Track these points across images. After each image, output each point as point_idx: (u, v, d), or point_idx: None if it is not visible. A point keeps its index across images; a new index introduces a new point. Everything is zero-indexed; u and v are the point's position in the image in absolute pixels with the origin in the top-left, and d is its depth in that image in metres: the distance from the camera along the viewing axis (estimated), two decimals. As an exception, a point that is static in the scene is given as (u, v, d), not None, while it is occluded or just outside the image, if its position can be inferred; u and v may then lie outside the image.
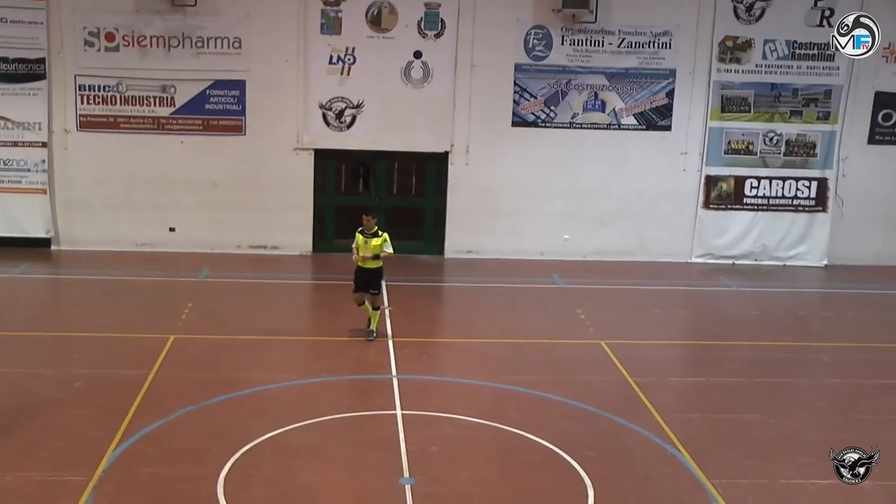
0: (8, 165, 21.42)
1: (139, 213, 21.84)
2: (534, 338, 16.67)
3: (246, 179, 21.83)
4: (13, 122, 21.24)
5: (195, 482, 10.90)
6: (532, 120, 21.97)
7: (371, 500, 10.68)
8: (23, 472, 10.96)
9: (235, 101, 21.49)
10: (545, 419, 13.01)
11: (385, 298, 18.50)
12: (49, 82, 21.18)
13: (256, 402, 13.40)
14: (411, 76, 21.57)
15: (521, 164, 22.08)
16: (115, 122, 21.49)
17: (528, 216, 22.35)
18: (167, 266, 20.70)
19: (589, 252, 22.53)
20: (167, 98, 21.43)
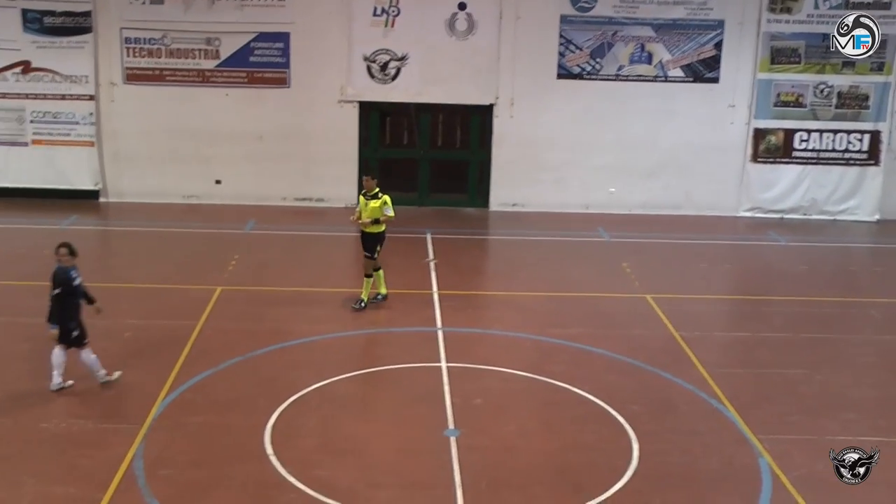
0: (57, 118, 21.64)
1: (185, 165, 22.00)
2: (578, 291, 16.63)
3: (290, 132, 21.87)
4: (60, 75, 21.41)
5: (242, 432, 11.05)
6: (577, 72, 21.73)
7: (416, 452, 10.77)
8: (76, 420, 11.20)
9: (280, 54, 21.48)
10: (589, 373, 13.01)
11: (430, 251, 18.56)
12: (95, 35, 21.30)
13: (302, 353, 13.53)
14: (455, 28, 21.40)
15: (566, 116, 21.89)
16: (160, 75, 21.58)
17: (574, 169, 22.20)
18: (213, 218, 20.86)
19: (634, 205, 22.37)
20: (212, 51, 21.46)
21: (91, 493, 9.64)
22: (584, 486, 10.11)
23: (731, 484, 10.25)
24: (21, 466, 10.16)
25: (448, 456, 10.62)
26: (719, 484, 10.24)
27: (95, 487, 9.73)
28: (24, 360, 12.94)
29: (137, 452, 10.46)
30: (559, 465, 10.56)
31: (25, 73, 21.40)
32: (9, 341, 13.61)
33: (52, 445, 10.64)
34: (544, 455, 10.78)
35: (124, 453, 10.41)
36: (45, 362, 12.80)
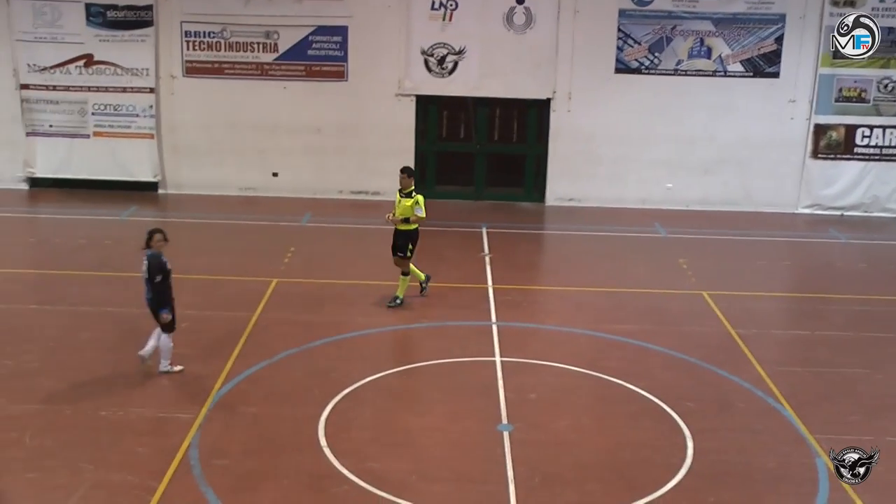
0: (118, 111, 21.95)
1: (243, 157, 22.20)
2: (634, 287, 16.50)
3: (347, 125, 21.96)
4: (122, 68, 21.71)
5: (297, 422, 11.13)
6: (635, 66, 21.54)
7: (469, 446, 10.76)
8: (134, 408, 11.36)
9: (338, 47, 21.57)
10: (645, 369, 12.92)
11: (485, 246, 18.54)
12: (156, 29, 21.56)
13: (357, 345, 13.59)
14: (513, 22, 21.31)
15: (623, 111, 21.72)
16: (219, 68, 21.79)
17: (631, 164, 22.02)
18: (270, 210, 21.02)
19: (692, 201, 22.13)
20: (270, 44, 21.62)
21: (147, 480, 9.77)
22: (638, 482, 10.04)
23: (787, 484, 10.11)
24: (80, 453, 10.33)
25: (501, 450, 10.60)
26: (775, 484, 10.11)
27: (152, 475, 9.86)
28: (83, 349, 13.15)
29: (193, 442, 10.58)
30: (613, 461, 10.50)
31: (88, 67, 21.73)
32: (69, 330, 13.83)
33: (110, 433, 10.80)
34: (598, 451, 10.72)
35: (180, 442, 10.54)
36: (105, 351, 13.05)
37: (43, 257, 17.77)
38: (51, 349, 13.12)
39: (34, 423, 10.98)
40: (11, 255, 17.51)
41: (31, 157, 22.26)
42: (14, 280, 16.13)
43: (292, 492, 9.72)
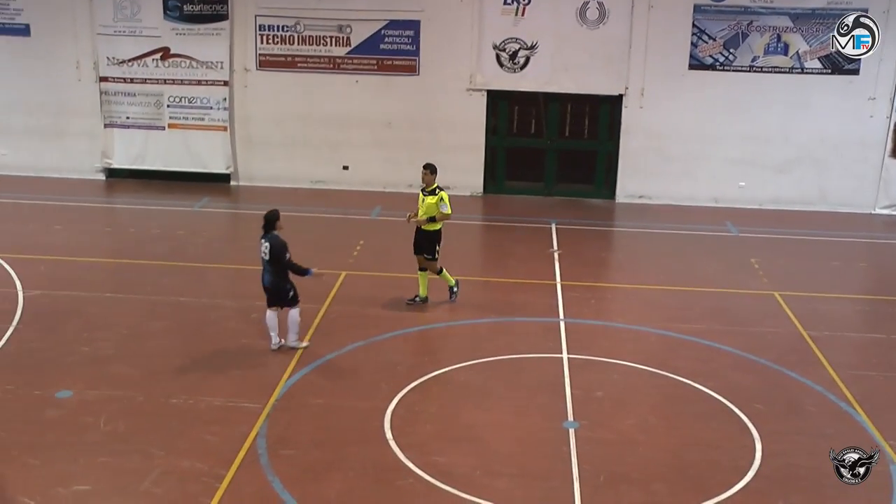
0: (192, 103, 22.29)
1: (314, 150, 22.39)
2: (704, 286, 16.29)
3: (418, 120, 22.02)
4: (197, 61, 22.04)
5: (363, 415, 11.20)
6: (710, 63, 21.23)
7: (535, 442, 10.73)
8: (203, 397, 11.53)
9: (409, 42, 21.63)
10: (713, 369, 12.75)
11: (554, 242, 18.46)
12: (231, 22, 21.82)
13: (425, 339, 13.64)
14: (587, 17, 21.15)
15: (696, 108, 21.44)
16: (292, 62, 21.99)
17: (703, 162, 21.74)
18: (340, 203, 21.17)
19: (765, 200, 21.78)
20: (343, 38, 21.75)
21: (216, 468, 9.92)
22: (705, 484, 9.92)
23: (859, 490, 9.85)
24: (152, 439, 10.53)
25: (566, 448, 10.56)
26: (847, 489, 9.85)
27: (220, 463, 10.01)
28: (155, 338, 13.39)
29: (260, 431, 10.71)
30: (679, 461, 10.39)
31: (164, 60, 22.10)
32: (142, 319, 14.09)
33: (180, 420, 10.99)
34: (664, 451, 10.61)
35: (248, 431, 10.68)
36: (176, 340, 13.28)
37: (118, 246, 18.12)
38: (124, 337, 13.38)
39: (108, 408, 11.22)
40: (88, 244, 17.88)
41: (109, 148, 22.74)
42: (90, 268, 16.48)
43: (357, 483, 9.78)
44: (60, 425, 10.85)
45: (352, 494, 9.61)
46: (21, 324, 13.71)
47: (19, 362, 12.44)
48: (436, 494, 9.62)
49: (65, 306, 14.45)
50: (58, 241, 17.87)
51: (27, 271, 15.87)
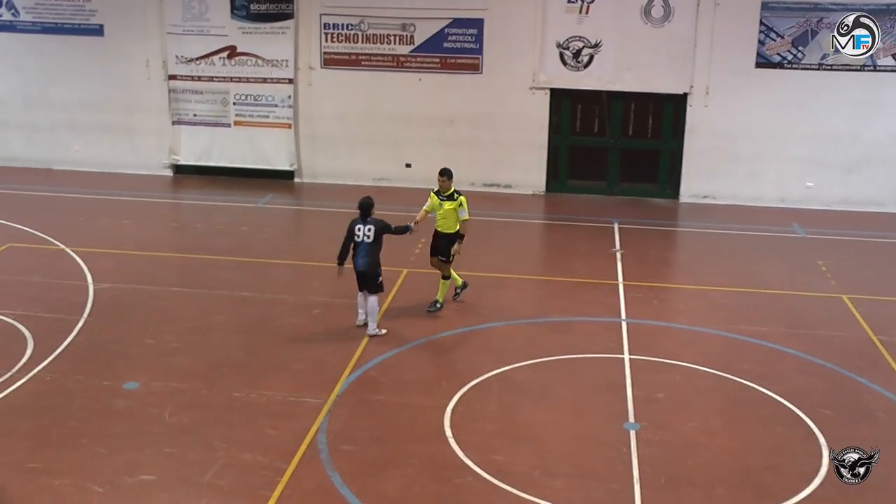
0: (258, 101, 22.55)
1: (377, 148, 22.50)
2: (770, 288, 16.06)
3: (481, 118, 22.02)
4: (263, 59, 22.28)
5: (423, 412, 11.22)
6: (777, 61, 20.91)
7: (594, 443, 10.67)
8: (265, 391, 11.65)
9: (473, 40, 21.63)
10: (778, 372, 12.56)
11: (617, 242, 18.33)
12: (296, 21, 22.02)
13: (485, 338, 13.62)
14: (651, 14, 20.97)
15: (763, 106, 21.13)
16: (356, 60, 22.12)
17: (769, 161, 21.42)
18: (402, 201, 21.15)
19: (833, 201, 21.39)
20: (406, 36, 21.83)
21: (277, 462, 10.02)
22: (769, 489, 9.78)
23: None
24: (214, 432, 10.67)
25: (627, 449, 10.48)
26: (918, 499, 9.70)
27: (281, 457, 10.10)
28: (219, 332, 13.56)
29: (321, 426, 10.79)
30: (742, 466, 10.24)
31: (231, 58, 22.38)
32: (206, 313, 14.28)
33: (242, 414, 11.11)
34: (727, 455, 10.48)
35: (309, 426, 10.77)
36: (239, 334, 13.43)
37: (184, 241, 18.39)
38: (189, 330, 13.58)
39: (173, 400, 11.39)
40: (155, 239, 18.17)
41: (176, 145, 23.11)
42: (157, 262, 16.75)
43: (416, 480, 9.81)
44: (127, 416, 11.05)
45: (410, 491, 9.63)
46: (91, 316, 14.00)
47: (89, 353, 12.70)
48: (494, 493, 9.60)
49: (132, 299, 14.72)
50: (126, 235, 18.19)
51: (97, 265, 16.19)
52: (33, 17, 22.96)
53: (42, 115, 23.54)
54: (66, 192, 21.38)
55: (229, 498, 9.44)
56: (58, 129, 23.58)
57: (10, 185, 21.86)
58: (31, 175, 22.97)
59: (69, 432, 10.64)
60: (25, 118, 23.60)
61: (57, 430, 10.70)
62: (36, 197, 20.97)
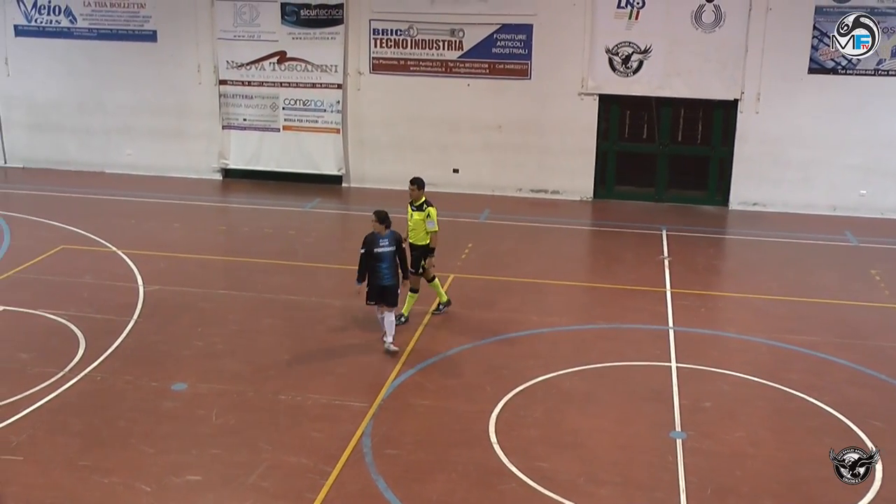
0: (307, 106, 22.70)
1: (424, 153, 22.53)
2: (821, 297, 15.83)
3: (529, 123, 21.98)
4: (312, 64, 22.42)
5: (468, 417, 11.22)
6: (831, 66, 20.63)
7: (640, 451, 10.59)
8: (311, 394, 11.72)
9: (522, 46, 21.60)
10: (829, 383, 12.38)
11: (664, 249, 18.20)
12: (346, 27, 22.14)
13: (531, 344, 13.58)
14: (702, 20, 20.79)
15: (816, 113, 20.85)
16: (404, 65, 22.19)
17: (821, 169, 21.13)
18: (449, 206, 21.17)
19: (887, 209, 21.04)
20: (455, 42, 21.85)
21: (321, 464, 10.07)
22: (817, 502, 9.65)
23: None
24: (260, 434, 10.75)
25: (672, 458, 10.39)
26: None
27: (325, 460, 10.15)
28: (265, 334, 13.67)
29: (366, 430, 10.82)
30: (791, 477, 10.11)
31: (281, 63, 22.55)
32: (253, 316, 14.39)
33: (287, 417, 11.18)
34: (775, 465, 10.35)
35: (353, 430, 10.81)
36: (285, 337, 13.52)
37: (232, 245, 18.56)
38: (236, 333, 13.70)
39: (220, 402, 11.50)
40: (204, 242, 18.36)
41: (226, 149, 23.34)
42: (205, 265, 16.92)
43: (460, 486, 9.80)
44: (175, 416, 11.18)
45: (454, 496, 9.63)
46: (140, 317, 14.19)
47: (138, 354, 12.87)
48: (538, 500, 9.57)
49: (180, 301, 14.88)
50: (176, 238, 18.41)
51: (147, 267, 16.40)
52: (89, 24, 23.33)
53: (96, 120, 23.92)
54: (117, 195, 21.68)
55: (274, 500, 9.50)
56: (111, 133, 23.94)
57: (64, 188, 22.23)
58: (84, 178, 23.34)
59: (118, 431, 10.79)
60: (80, 122, 23.99)
61: (107, 428, 10.86)
62: (88, 200, 21.29)
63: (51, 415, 11.16)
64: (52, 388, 11.78)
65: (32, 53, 23.77)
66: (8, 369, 12.34)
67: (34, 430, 10.78)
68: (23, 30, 23.66)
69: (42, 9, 23.42)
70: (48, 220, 19.33)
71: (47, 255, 17.08)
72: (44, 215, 19.63)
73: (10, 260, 16.77)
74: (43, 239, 17.99)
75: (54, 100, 23.97)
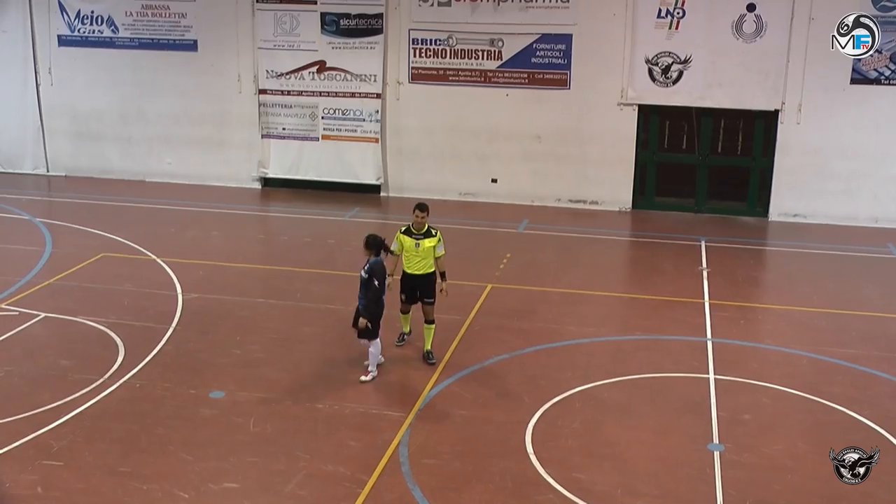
0: (346, 115, 22.80)
1: (463, 163, 22.57)
2: (862, 310, 15.65)
3: (568, 133, 21.93)
4: (352, 74, 22.53)
5: (505, 428, 11.19)
6: (874, 77, 20.40)
7: (678, 463, 10.51)
8: (349, 403, 11.75)
9: (561, 55, 21.56)
10: (870, 397, 12.22)
11: (703, 260, 18.08)
12: (385, 36, 22.23)
13: (569, 354, 13.53)
14: (743, 30, 20.65)
15: (858, 124, 20.62)
16: (443, 75, 22.23)
17: (864, 180, 20.88)
18: (488, 216, 21.26)
19: (931, 221, 20.80)
20: (494, 51, 21.86)
21: (358, 474, 10.09)
22: (858, 516, 9.52)
23: None
24: (297, 442, 10.79)
25: (711, 471, 10.30)
26: None
27: (362, 469, 10.17)
28: (304, 343, 13.73)
29: (403, 440, 10.83)
30: (831, 492, 9.97)
31: (320, 73, 22.68)
32: (292, 324, 14.47)
33: (325, 425, 11.22)
34: (815, 479, 10.22)
35: (391, 439, 10.82)
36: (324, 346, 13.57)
37: (271, 253, 18.68)
38: (274, 341, 13.77)
39: (257, 410, 11.56)
40: (243, 251, 18.48)
41: (265, 158, 23.50)
42: (244, 274, 17.03)
43: (497, 496, 9.77)
44: (213, 424, 11.25)
45: (491, 507, 9.62)
46: (179, 325, 14.30)
47: (177, 362, 12.97)
48: (575, 511, 9.54)
49: (219, 309, 14.99)
50: (215, 246, 18.55)
51: (186, 275, 16.54)
52: (131, 34, 23.60)
53: (137, 129, 24.18)
54: (158, 204, 21.89)
55: (311, 508, 9.54)
56: (152, 141, 24.19)
57: (105, 196, 22.49)
58: (125, 187, 23.59)
59: (157, 438, 10.88)
60: (122, 131, 24.26)
61: (146, 435, 10.95)
62: (129, 208, 21.51)
63: (91, 421, 11.28)
64: (92, 395, 11.90)
65: (75, 63, 24.08)
66: (49, 375, 12.48)
67: (74, 436, 10.90)
68: (66, 39, 23.98)
69: (85, 19, 23.74)
70: (89, 228, 19.56)
71: (88, 262, 17.28)
72: (85, 223, 19.86)
73: (51, 267, 16.98)
74: (84, 247, 18.20)
75: (96, 109, 24.26)
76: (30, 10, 23.89)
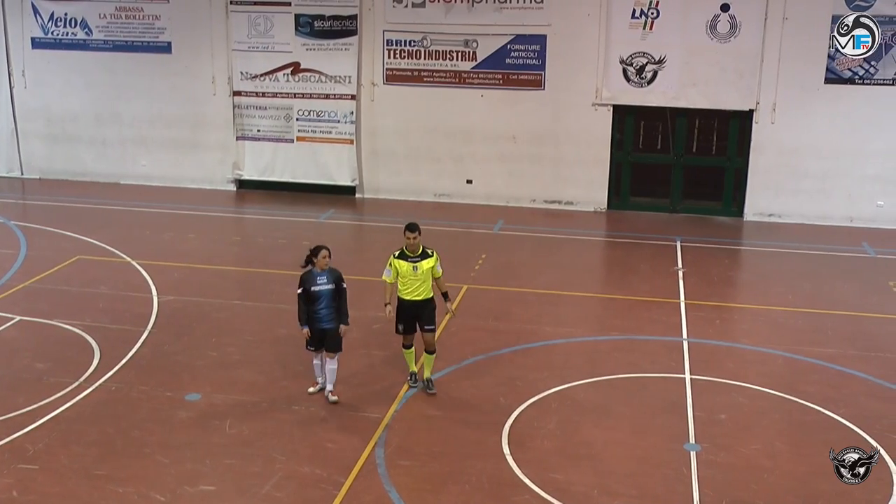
0: (321, 117, 22.75)
1: (438, 164, 22.56)
2: (837, 309, 15.74)
3: (543, 134, 21.96)
4: (326, 75, 22.47)
5: (481, 428, 11.19)
6: (848, 76, 20.52)
7: (654, 463, 10.53)
8: (325, 405, 11.76)
9: (535, 56, 21.59)
10: (846, 396, 12.29)
11: (679, 260, 18.14)
12: (360, 38, 22.18)
13: (545, 355, 13.54)
14: (717, 30, 20.73)
15: (832, 123, 20.75)
16: (418, 76, 22.21)
17: (838, 180, 21.02)
18: (463, 217, 21.25)
19: (904, 220, 20.97)
20: (469, 52, 21.86)
21: (335, 475, 10.06)
22: (834, 514, 9.57)
23: None
24: (274, 444, 10.75)
25: (687, 470, 10.33)
26: None
27: (339, 471, 10.14)
28: (279, 345, 13.68)
29: (379, 441, 10.81)
30: (807, 490, 10.03)
31: (295, 74, 22.62)
32: (267, 326, 14.41)
33: (301, 427, 11.18)
34: (791, 479, 10.27)
35: (367, 441, 10.79)
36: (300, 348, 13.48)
37: (246, 255, 18.59)
38: (251, 343, 13.71)
39: (234, 412, 11.51)
40: (218, 253, 18.39)
41: (240, 160, 23.40)
42: (220, 276, 16.95)
43: (474, 497, 9.76)
44: (189, 426, 11.19)
45: (468, 508, 9.61)
46: (155, 328, 14.22)
47: (153, 364, 12.89)
48: (553, 512, 9.54)
49: (195, 312, 14.91)
50: (191, 248, 18.46)
51: (162, 278, 16.45)
52: (105, 36, 23.45)
53: (111, 131, 24.03)
54: (132, 206, 21.76)
55: (287, 511, 9.49)
56: (126, 144, 24.05)
57: (80, 198, 22.34)
58: (99, 189, 23.45)
59: (133, 441, 10.81)
60: (96, 133, 24.11)
61: (122, 438, 10.87)
62: (104, 210, 21.37)
63: (66, 424, 11.19)
64: (68, 398, 11.81)
65: (49, 65, 23.92)
66: (24, 379, 12.38)
67: (50, 440, 10.81)
68: (40, 42, 23.81)
69: (59, 21, 23.57)
70: (64, 230, 19.41)
71: (63, 265, 17.15)
72: (60, 226, 19.71)
73: (26, 270, 16.84)
74: (59, 249, 18.07)
75: (70, 111, 24.10)
76: (2, 13, 23.72)
